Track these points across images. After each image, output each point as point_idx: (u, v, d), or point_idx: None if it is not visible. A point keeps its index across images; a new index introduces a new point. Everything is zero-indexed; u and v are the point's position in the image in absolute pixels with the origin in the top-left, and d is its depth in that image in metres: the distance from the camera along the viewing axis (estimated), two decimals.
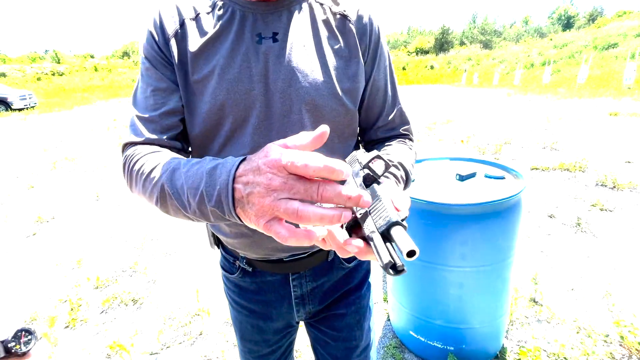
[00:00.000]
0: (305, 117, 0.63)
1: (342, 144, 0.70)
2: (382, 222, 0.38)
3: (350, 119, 0.69)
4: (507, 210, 1.34)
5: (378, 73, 0.71)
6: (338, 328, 0.83)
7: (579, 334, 1.74)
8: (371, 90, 0.71)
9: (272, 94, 0.62)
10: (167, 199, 0.49)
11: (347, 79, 0.66)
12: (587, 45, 22.16)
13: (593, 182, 3.75)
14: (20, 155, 6.50)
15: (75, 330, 2.05)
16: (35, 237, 3.27)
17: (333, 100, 0.64)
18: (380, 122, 0.74)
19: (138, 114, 0.63)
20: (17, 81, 26.48)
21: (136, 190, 0.57)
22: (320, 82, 0.63)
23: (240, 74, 0.61)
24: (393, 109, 0.74)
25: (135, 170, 0.56)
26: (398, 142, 0.74)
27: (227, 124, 0.63)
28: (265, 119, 0.63)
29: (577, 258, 2.43)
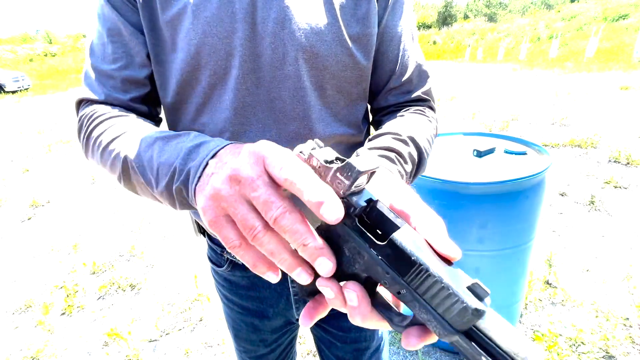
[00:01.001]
0: (303, 69, 0.50)
1: (350, 108, 0.56)
2: (454, 316, 0.25)
3: (360, 74, 0.54)
4: (531, 190, 1.21)
5: (393, 17, 0.56)
6: (345, 328, 0.72)
7: (597, 317, 1.66)
8: (382, 39, 0.56)
9: (261, 38, 0.48)
10: (131, 174, 0.42)
11: (357, 22, 0.52)
12: (596, 16, 21.32)
13: (606, 158, 3.61)
14: (15, 139, 6.36)
15: (72, 317, 1.99)
16: (30, 222, 3.18)
17: (338, 47, 0.50)
18: (392, 83, 0.58)
19: (94, 64, 0.51)
20: (8, 62, 25.84)
21: (93, 159, 0.49)
22: (323, 25, 0.49)
23: (219, 11, 0.47)
24: (410, 67, 0.58)
25: (93, 137, 0.48)
26: (413, 112, 0.58)
27: (204, 78, 0.49)
28: (250, 72, 0.49)
29: (592, 238, 2.33)
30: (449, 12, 43.89)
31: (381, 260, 0.28)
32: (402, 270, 0.27)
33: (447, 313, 0.25)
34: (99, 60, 0.51)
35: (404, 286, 0.27)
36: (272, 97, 0.50)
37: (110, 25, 0.50)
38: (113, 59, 0.50)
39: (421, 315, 0.27)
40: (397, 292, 0.28)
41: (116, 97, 0.51)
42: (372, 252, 0.28)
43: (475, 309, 0.24)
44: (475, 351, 0.25)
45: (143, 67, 0.52)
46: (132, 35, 0.50)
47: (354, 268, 0.30)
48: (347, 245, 0.30)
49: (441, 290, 0.25)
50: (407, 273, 0.27)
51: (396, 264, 0.27)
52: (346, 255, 0.30)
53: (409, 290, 0.27)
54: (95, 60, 0.52)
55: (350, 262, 0.30)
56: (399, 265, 0.27)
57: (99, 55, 0.51)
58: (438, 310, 0.26)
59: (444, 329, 0.25)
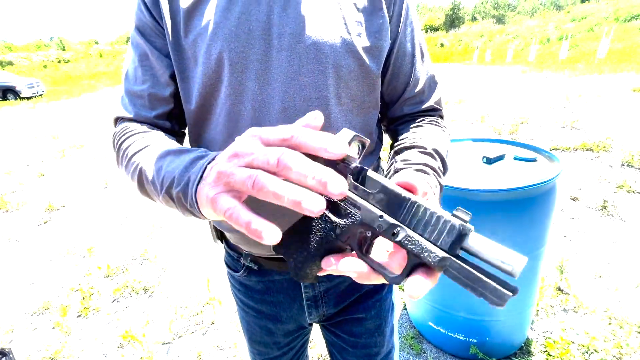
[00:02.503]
0: (318, 80, 0.53)
1: (363, 116, 0.59)
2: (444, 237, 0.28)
3: (372, 84, 0.58)
4: (541, 197, 1.22)
5: (405, 34, 0.59)
6: (356, 333, 0.74)
7: (610, 324, 1.65)
8: (397, 54, 0.59)
9: (277, 51, 0.51)
10: (144, 184, 0.47)
11: (370, 35, 0.55)
12: (607, 17, 21.00)
13: (618, 162, 3.55)
14: (30, 144, 6.53)
15: (88, 320, 2.04)
16: (46, 225, 3.27)
17: (352, 59, 0.53)
18: (407, 94, 0.62)
19: (127, 87, 0.59)
20: (24, 69, 26.57)
21: (123, 171, 0.54)
22: (337, 38, 0.52)
23: (237, 28, 0.51)
24: (422, 79, 0.62)
25: (122, 150, 0.53)
26: (429, 122, 0.62)
27: (223, 91, 0.53)
28: (266, 84, 0.52)
29: (604, 243, 2.30)
30: (456, 15, 43.71)
31: (375, 206, 0.32)
32: (395, 210, 0.31)
33: (437, 237, 0.28)
34: (131, 83, 0.58)
35: (397, 225, 0.30)
36: (286, 107, 0.53)
37: (140, 52, 0.57)
38: (142, 80, 0.57)
39: (414, 248, 0.29)
40: (392, 234, 0.30)
41: (144, 114, 0.57)
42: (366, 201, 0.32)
43: (461, 224, 0.28)
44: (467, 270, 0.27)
45: (167, 87, 0.57)
46: (157, 59, 0.56)
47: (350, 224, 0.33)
48: (343, 203, 0.33)
49: (430, 216, 0.29)
50: (399, 210, 0.30)
51: (388, 206, 0.31)
52: (342, 214, 0.34)
53: (402, 228, 0.30)
54: (128, 83, 0.58)
55: (346, 220, 0.33)
56: (391, 206, 0.31)
57: (131, 79, 0.58)
58: (430, 237, 0.29)
59: (437, 255, 0.28)
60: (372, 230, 0.32)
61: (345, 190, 0.28)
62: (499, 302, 0.26)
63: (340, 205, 0.33)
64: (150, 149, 0.48)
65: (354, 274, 0.32)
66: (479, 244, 0.28)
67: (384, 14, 0.56)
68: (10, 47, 43.69)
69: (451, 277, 0.28)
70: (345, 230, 0.33)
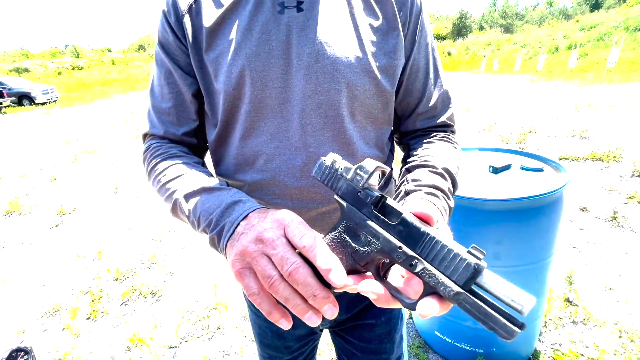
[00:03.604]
0: (334, 98, 0.55)
1: (376, 132, 0.61)
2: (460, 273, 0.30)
3: (386, 102, 0.60)
4: (548, 207, 1.22)
5: (419, 51, 0.61)
6: (366, 339, 0.75)
7: (620, 337, 1.62)
8: (410, 71, 0.61)
9: (296, 70, 0.54)
10: (178, 212, 0.52)
11: (384, 55, 0.57)
12: (617, 26, 20.84)
13: (629, 172, 3.51)
14: (44, 148, 6.69)
15: (97, 322, 2.07)
16: (58, 228, 3.34)
17: (367, 78, 0.55)
18: (420, 109, 0.64)
19: (154, 103, 0.63)
20: (39, 76, 27.30)
21: (152, 188, 0.59)
22: (353, 58, 0.54)
23: (258, 48, 0.53)
24: (436, 94, 0.64)
25: (154, 172, 0.58)
26: (441, 139, 0.63)
27: (243, 107, 0.56)
28: (285, 101, 0.55)
29: (614, 255, 2.27)
30: (463, 24, 43.83)
31: (394, 237, 0.34)
32: (413, 243, 0.33)
33: (453, 272, 0.30)
34: (158, 100, 0.62)
35: (415, 257, 0.32)
36: (305, 124, 0.55)
37: (165, 70, 0.60)
38: (168, 98, 0.60)
39: (431, 280, 0.31)
40: (409, 265, 0.33)
41: (172, 132, 0.62)
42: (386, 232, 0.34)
43: (476, 263, 0.29)
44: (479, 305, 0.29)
45: (191, 105, 0.61)
46: (180, 77, 0.60)
47: (370, 252, 0.36)
48: (364, 230, 0.36)
49: (447, 252, 0.31)
50: (417, 244, 0.32)
51: (407, 238, 0.33)
52: (362, 242, 0.36)
53: (420, 261, 0.32)
54: (154, 100, 0.62)
55: (366, 247, 0.36)
56: (410, 239, 0.33)
57: (157, 96, 0.62)
58: (446, 272, 0.31)
59: (452, 289, 0.30)
60: (391, 258, 0.34)
61: (336, 313, 0.34)
62: (508, 336, 0.27)
63: (361, 233, 0.36)
64: (184, 179, 0.53)
65: (373, 295, 0.34)
66: (492, 282, 0.29)
67: (399, 33, 0.57)
68: (27, 55, 45.03)
69: (464, 309, 0.29)
70: (364, 256, 0.36)
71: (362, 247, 0.36)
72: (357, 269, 0.37)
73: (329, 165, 0.39)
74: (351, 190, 0.37)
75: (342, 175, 0.38)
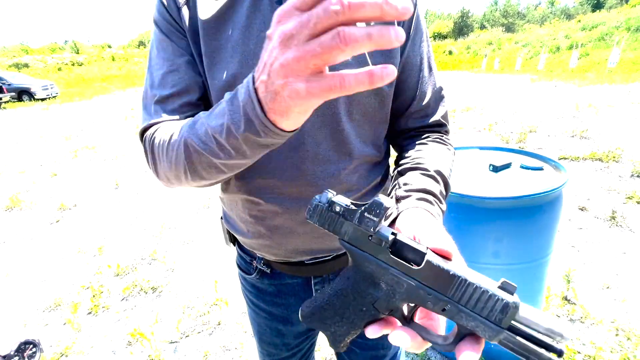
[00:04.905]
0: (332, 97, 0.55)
1: (373, 130, 0.62)
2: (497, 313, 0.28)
3: (383, 100, 0.60)
4: (547, 205, 1.23)
5: (413, 48, 0.61)
6: (363, 335, 0.76)
7: (617, 336, 1.63)
8: (404, 68, 0.61)
9: None
10: (193, 157, 0.44)
11: (381, 54, 0.57)
12: (619, 26, 20.80)
13: (628, 172, 3.52)
14: (44, 144, 6.68)
15: (98, 317, 2.09)
16: (58, 224, 3.35)
17: None
18: (413, 107, 0.63)
19: (155, 92, 0.56)
20: (39, 71, 27.20)
21: (163, 165, 0.50)
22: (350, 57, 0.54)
23: (256, 47, 0.52)
24: (428, 93, 0.63)
25: (156, 145, 0.51)
26: (434, 140, 0.62)
27: None
28: None
29: (612, 254, 2.28)
30: (465, 22, 43.70)
31: (421, 283, 0.31)
32: (443, 287, 0.30)
33: (491, 314, 0.29)
34: (159, 87, 0.56)
35: (448, 301, 0.30)
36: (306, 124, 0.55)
37: (167, 58, 0.56)
38: (172, 85, 0.55)
39: (468, 324, 0.29)
40: (442, 310, 0.30)
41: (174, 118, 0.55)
42: (412, 278, 0.31)
43: (513, 302, 0.28)
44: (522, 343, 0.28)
45: (196, 91, 0.57)
46: (186, 63, 0.56)
47: (394, 300, 0.33)
48: (384, 279, 0.33)
49: (482, 294, 0.29)
50: (449, 288, 0.30)
51: (436, 283, 0.31)
52: (384, 290, 0.33)
53: (453, 304, 0.30)
54: (155, 89, 0.56)
55: (389, 295, 0.33)
56: (439, 283, 0.30)
57: (159, 84, 0.56)
58: (482, 314, 0.29)
59: (492, 330, 0.28)
60: (420, 304, 0.32)
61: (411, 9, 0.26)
62: None
63: (381, 281, 0.33)
64: (183, 127, 0.46)
65: (408, 344, 0.32)
66: (529, 315, 0.29)
67: None
68: (27, 50, 44.89)
69: (507, 348, 0.29)
70: (388, 305, 0.33)
71: (384, 296, 0.33)
72: (379, 317, 0.35)
73: (325, 208, 0.34)
74: (360, 235, 0.33)
75: (346, 219, 0.33)
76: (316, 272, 0.69)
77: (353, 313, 0.35)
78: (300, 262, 0.67)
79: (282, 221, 0.61)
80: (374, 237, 0.32)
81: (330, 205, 0.34)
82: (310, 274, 0.69)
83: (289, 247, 0.63)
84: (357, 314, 0.35)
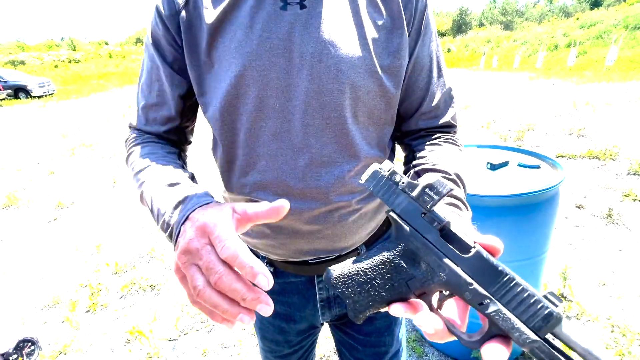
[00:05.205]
0: (337, 99, 0.54)
1: (378, 132, 0.61)
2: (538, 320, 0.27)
3: (389, 102, 0.59)
4: (545, 203, 1.24)
5: (423, 48, 0.60)
6: (366, 332, 0.76)
7: (613, 332, 1.65)
8: (414, 69, 0.60)
9: (298, 70, 0.53)
10: (143, 202, 0.54)
11: (388, 55, 0.56)
12: (617, 24, 20.84)
13: (625, 170, 3.54)
14: (41, 142, 6.65)
15: (96, 315, 2.09)
16: (56, 222, 3.34)
17: (370, 79, 0.55)
18: (423, 108, 0.63)
19: (139, 98, 0.64)
20: (35, 69, 27.02)
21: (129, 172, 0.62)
22: (357, 58, 0.53)
23: (258, 47, 0.52)
24: (439, 93, 0.62)
25: (130, 162, 0.61)
26: (446, 140, 0.62)
27: (242, 107, 0.55)
28: (287, 100, 0.54)
29: (609, 251, 2.30)
30: (463, 20, 43.66)
31: (465, 271, 0.30)
32: (487, 282, 0.30)
33: (531, 319, 0.28)
34: (145, 95, 0.63)
35: (487, 297, 0.29)
36: (307, 124, 0.55)
37: (154, 66, 0.60)
38: (155, 95, 0.61)
39: (503, 324, 0.28)
40: (479, 304, 0.30)
41: (155, 128, 0.64)
42: (457, 265, 0.31)
43: (558, 313, 0.27)
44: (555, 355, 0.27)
45: (176, 105, 0.62)
46: (168, 76, 0.60)
47: (430, 282, 0.32)
48: (426, 259, 0.32)
49: (527, 297, 0.28)
50: (493, 283, 0.29)
51: (481, 275, 0.30)
52: (422, 270, 0.32)
53: (492, 301, 0.29)
54: (141, 94, 0.63)
55: (427, 277, 0.32)
56: (484, 277, 0.30)
57: (144, 91, 0.63)
58: (522, 317, 0.28)
59: (527, 336, 0.28)
60: (456, 293, 0.31)
61: (270, 310, 0.35)
62: None
63: (422, 260, 0.32)
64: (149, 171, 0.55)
65: (432, 330, 0.31)
66: (569, 332, 0.28)
67: (404, 31, 0.56)
68: (23, 47, 44.52)
69: (537, 357, 0.28)
70: (422, 285, 0.33)
71: (421, 276, 0.32)
72: (408, 296, 0.34)
73: (386, 176, 0.34)
74: (413, 210, 0.32)
75: (403, 191, 0.33)
76: (320, 272, 0.69)
77: (382, 287, 0.34)
78: (304, 261, 0.67)
79: (287, 222, 0.60)
80: (427, 216, 0.32)
81: (392, 174, 0.34)
82: (314, 273, 0.70)
83: (292, 247, 0.64)
84: (387, 288, 0.34)
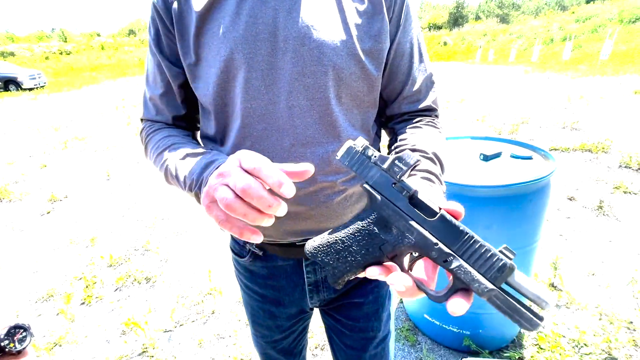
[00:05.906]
0: (320, 81, 0.56)
1: (362, 114, 0.63)
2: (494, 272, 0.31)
3: (372, 84, 0.61)
4: (536, 193, 1.25)
5: (404, 34, 0.62)
6: (354, 317, 0.78)
7: (600, 320, 1.69)
8: (395, 54, 0.63)
9: (282, 53, 0.55)
10: (169, 178, 0.58)
11: (369, 38, 0.58)
12: (612, 18, 20.90)
13: (616, 163, 3.59)
14: (33, 135, 6.55)
15: (91, 307, 2.09)
16: (49, 216, 3.31)
17: (352, 61, 0.57)
18: (405, 93, 0.65)
19: (146, 91, 0.69)
20: (25, 60, 26.48)
21: (149, 161, 0.66)
22: (339, 41, 0.56)
23: (245, 32, 0.55)
24: (420, 78, 0.65)
25: (150, 146, 0.65)
26: (427, 123, 0.65)
27: (232, 89, 0.57)
28: (272, 83, 0.56)
29: (599, 242, 2.34)
30: (460, 13, 43.44)
31: (431, 234, 0.34)
32: (451, 241, 0.33)
33: (488, 271, 0.32)
34: (151, 88, 0.67)
35: (450, 254, 0.33)
36: (291, 105, 0.57)
37: (155, 60, 0.64)
38: (160, 87, 0.66)
39: (465, 277, 0.32)
40: (444, 261, 0.33)
41: (164, 118, 0.68)
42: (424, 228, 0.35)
43: (511, 264, 0.31)
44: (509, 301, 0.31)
45: (178, 94, 0.66)
46: (168, 68, 0.63)
47: (401, 245, 0.36)
48: (397, 224, 0.36)
49: (484, 252, 0.32)
50: (455, 242, 0.33)
51: (445, 236, 0.34)
52: (394, 235, 0.36)
53: (455, 257, 0.33)
54: (149, 87, 0.68)
55: (398, 240, 0.36)
56: (448, 237, 0.33)
57: (151, 83, 0.67)
58: (480, 270, 0.32)
59: (486, 286, 0.31)
60: (424, 253, 0.35)
61: (285, 211, 0.36)
62: (532, 328, 0.30)
63: (393, 226, 0.36)
64: (173, 149, 0.59)
65: (402, 287, 0.35)
66: (521, 281, 0.31)
67: (384, 16, 0.59)
68: (12, 38, 43.56)
69: (494, 305, 0.31)
70: (393, 249, 0.36)
71: (392, 240, 0.36)
72: (382, 260, 0.37)
73: (359, 151, 0.37)
74: (384, 181, 0.36)
75: (375, 164, 0.36)
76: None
77: (358, 252, 0.38)
78: (291, 243, 0.68)
79: None
80: (397, 185, 0.35)
81: (364, 149, 0.37)
82: (301, 255, 0.71)
83: (280, 228, 0.65)
84: (362, 254, 0.38)
